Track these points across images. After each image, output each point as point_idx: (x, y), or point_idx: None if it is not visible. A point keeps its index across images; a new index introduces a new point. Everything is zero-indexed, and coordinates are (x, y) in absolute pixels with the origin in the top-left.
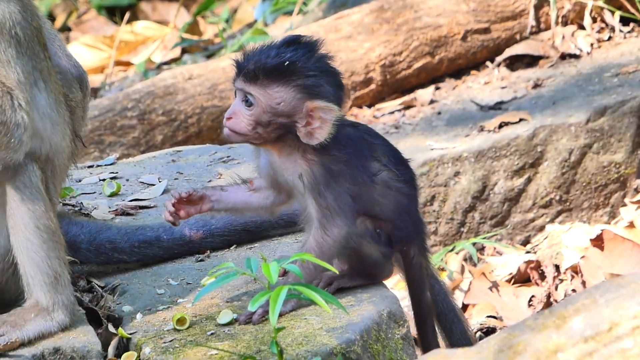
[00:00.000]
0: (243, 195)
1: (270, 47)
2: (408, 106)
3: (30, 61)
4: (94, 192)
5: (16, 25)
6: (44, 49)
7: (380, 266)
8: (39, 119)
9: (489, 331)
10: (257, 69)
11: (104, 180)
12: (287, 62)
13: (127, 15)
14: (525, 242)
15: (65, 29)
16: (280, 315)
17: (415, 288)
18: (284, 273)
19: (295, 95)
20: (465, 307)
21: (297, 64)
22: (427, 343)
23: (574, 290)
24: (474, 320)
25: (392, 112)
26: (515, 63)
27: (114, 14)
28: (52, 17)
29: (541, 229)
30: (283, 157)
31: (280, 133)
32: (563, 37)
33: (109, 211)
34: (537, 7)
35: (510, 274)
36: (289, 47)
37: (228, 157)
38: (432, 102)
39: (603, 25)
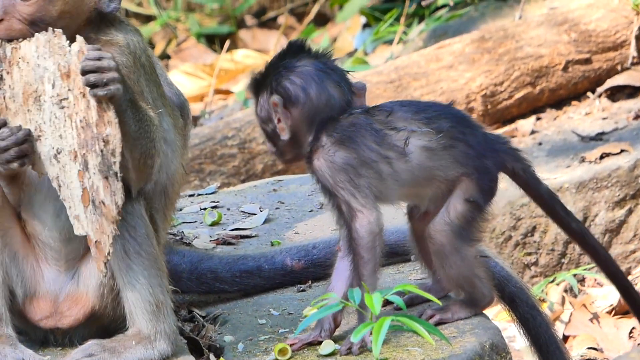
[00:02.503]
0: (344, 271)
1: None
2: (509, 136)
3: (154, 88)
4: (195, 221)
5: (142, 54)
6: (157, 74)
7: (482, 282)
8: (164, 144)
9: None
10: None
11: (205, 209)
12: (265, 70)
13: (227, 44)
14: (626, 274)
15: (165, 56)
16: None
17: (529, 189)
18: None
19: (266, 96)
20: (565, 338)
21: (271, 67)
22: (565, 226)
23: None
24: (575, 351)
25: None
26: (616, 94)
27: (213, 42)
28: (151, 45)
29: None
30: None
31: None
32: None
33: (210, 240)
34: (639, 38)
35: (611, 305)
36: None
37: None
38: (533, 132)
39: None
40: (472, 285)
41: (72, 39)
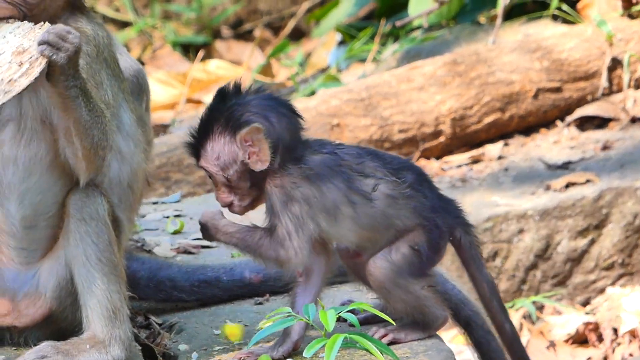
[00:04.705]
0: (306, 293)
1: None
2: (476, 160)
3: (116, 83)
4: (157, 229)
5: (105, 49)
6: (120, 70)
7: (432, 307)
8: (123, 138)
9: None
10: (193, 142)
11: (167, 217)
12: (205, 119)
13: (200, 53)
14: (585, 303)
15: (140, 63)
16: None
17: (472, 267)
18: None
19: (220, 139)
20: None
21: (212, 114)
22: (498, 324)
23: (631, 354)
24: None
25: (460, 166)
26: (585, 124)
27: (189, 51)
28: (127, 50)
29: (602, 291)
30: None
31: (248, 181)
32: (635, 101)
33: (171, 249)
34: (611, 69)
35: (569, 334)
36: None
37: None
38: (500, 158)
39: None
40: (422, 312)
41: (51, 22)
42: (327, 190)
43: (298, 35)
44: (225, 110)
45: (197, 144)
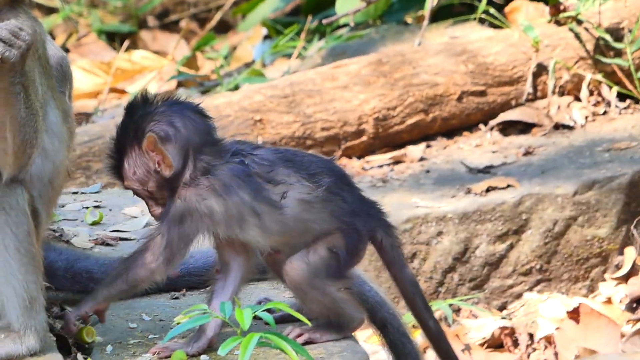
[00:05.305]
0: (224, 291)
1: None
2: (397, 161)
3: (46, 80)
4: (76, 219)
5: (40, 46)
6: (50, 66)
7: (348, 309)
8: (48, 136)
9: None
10: (112, 163)
11: (87, 208)
12: (117, 136)
13: (126, 43)
14: (502, 308)
15: (64, 50)
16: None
17: (393, 268)
18: None
19: (132, 154)
20: None
21: (122, 130)
22: (423, 322)
23: None
24: None
25: (381, 166)
26: (508, 128)
27: (114, 39)
28: (52, 37)
29: (519, 296)
30: None
31: (167, 190)
32: (558, 107)
33: (89, 240)
34: (536, 75)
35: (484, 338)
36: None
37: None
38: (421, 159)
39: (599, 99)
40: (338, 314)
41: None
42: (232, 203)
43: (224, 28)
44: (133, 124)
45: (116, 165)
